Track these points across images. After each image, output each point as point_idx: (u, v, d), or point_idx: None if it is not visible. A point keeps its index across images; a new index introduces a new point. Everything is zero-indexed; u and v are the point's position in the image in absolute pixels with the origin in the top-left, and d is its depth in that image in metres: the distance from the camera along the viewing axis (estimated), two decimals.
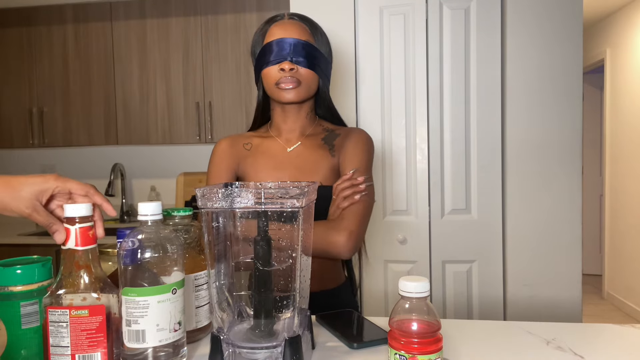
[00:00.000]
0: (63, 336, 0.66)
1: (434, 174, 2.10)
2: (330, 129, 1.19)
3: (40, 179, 0.71)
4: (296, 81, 1.08)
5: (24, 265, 0.71)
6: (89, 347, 0.67)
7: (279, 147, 1.17)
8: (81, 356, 0.66)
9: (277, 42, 1.07)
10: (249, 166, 1.16)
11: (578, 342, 0.82)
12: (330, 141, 1.16)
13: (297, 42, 1.07)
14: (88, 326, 0.66)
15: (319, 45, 1.12)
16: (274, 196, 0.70)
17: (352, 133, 1.18)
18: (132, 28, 2.88)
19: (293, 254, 0.73)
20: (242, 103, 2.79)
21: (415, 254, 2.12)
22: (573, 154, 2.03)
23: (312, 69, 1.09)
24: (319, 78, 1.13)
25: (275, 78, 1.08)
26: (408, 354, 0.61)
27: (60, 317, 0.66)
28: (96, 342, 0.67)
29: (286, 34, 1.08)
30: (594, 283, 4.63)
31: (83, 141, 2.97)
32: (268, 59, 1.08)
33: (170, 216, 0.88)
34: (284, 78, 1.07)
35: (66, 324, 0.66)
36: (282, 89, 1.08)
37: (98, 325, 0.67)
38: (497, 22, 2.04)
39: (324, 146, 1.16)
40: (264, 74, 1.11)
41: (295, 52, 1.07)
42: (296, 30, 1.09)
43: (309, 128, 1.18)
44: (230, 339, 0.72)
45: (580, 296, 2.04)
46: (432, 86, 2.09)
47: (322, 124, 1.21)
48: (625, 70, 3.89)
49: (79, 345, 0.66)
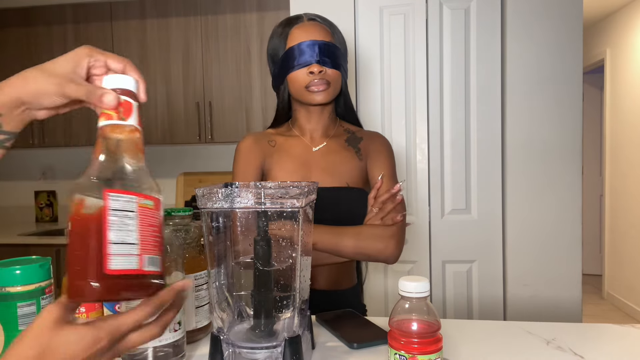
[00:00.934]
0: (130, 230, 0.49)
1: (434, 174, 2.10)
2: (352, 131, 1.20)
3: (71, 53, 0.61)
4: (326, 83, 1.08)
5: (22, 265, 0.71)
6: (153, 249, 0.51)
7: (304, 146, 1.16)
8: (149, 259, 0.51)
9: (304, 45, 1.08)
10: (274, 164, 1.14)
11: (578, 342, 0.82)
12: (355, 144, 1.17)
13: (323, 44, 1.08)
14: (153, 221, 0.52)
15: (339, 44, 1.14)
16: (273, 196, 0.70)
17: (376, 138, 1.20)
18: (132, 28, 2.88)
19: (293, 254, 0.73)
20: (242, 103, 2.78)
21: (415, 254, 2.12)
22: (573, 154, 2.03)
23: (337, 69, 1.10)
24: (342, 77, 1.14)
25: (305, 81, 1.08)
26: (408, 354, 0.61)
27: (127, 204, 0.49)
28: (158, 243, 0.52)
29: (309, 36, 1.08)
30: (594, 283, 4.62)
31: (83, 141, 2.97)
32: (295, 63, 1.08)
33: (170, 216, 0.88)
34: (314, 81, 1.07)
35: (134, 214, 0.50)
36: (312, 91, 1.08)
37: (159, 222, 0.53)
38: (497, 22, 2.04)
39: (349, 148, 1.17)
40: (291, 77, 1.10)
41: (321, 54, 1.07)
42: (318, 31, 1.09)
43: (331, 128, 1.19)
44: (230, 339, 0.72)
45: (580, 296, 2.04)
46: (432, 86, 2.08)
47: (343, 124, 1.22)
48: (625, 71, 3.89)
49: (147, 245, 0.51)
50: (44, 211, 3.28)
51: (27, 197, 3.35)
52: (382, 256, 1.04)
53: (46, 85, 0.57)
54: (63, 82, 0.57)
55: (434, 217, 2.11)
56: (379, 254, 1.04)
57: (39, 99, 0.57)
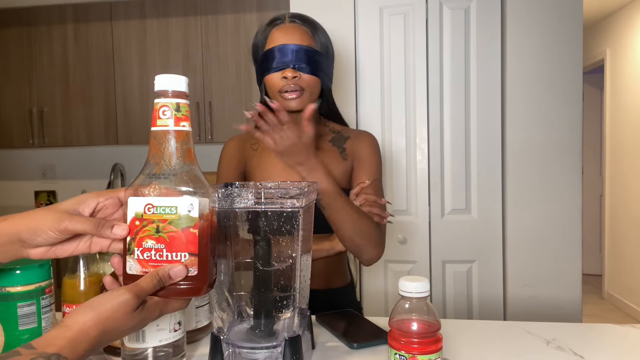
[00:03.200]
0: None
1: (434, 174, 2.10)
2: (337, 130, 1.19)
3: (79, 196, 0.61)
4: (299, 89, 1.07)
5: (22, 266, 0.71)
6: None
7: None
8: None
9: (279, 49, 1.06)
10: (255, 166, 1.16)
11: (578, 342, 0.82)
12: (340, 144, 1.16)
13: (299, 49, 1.06)
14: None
15: (320, 47, 1.11)
16: (274, 196, 0.70)
17: (363, 138, 1.18)
18: (132, 28, 2.88)
19: (293, 254, 0.73)
20: (242, 103, 2.78)
21: (415, 254, 2.12)
22: (573, 154, 2.03)
23: (314, 75, 1.08)
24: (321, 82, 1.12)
25: (278, 86, 1.07)
26: (408, 354, 0.61)
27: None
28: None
29: (287, 39, 1.07)
30: (594, 283, 4.62)
31: (83, 141, 2.96)
32: (270, 66, 1.08)
33: None
34: (287, 86, 1.06)
35: None
36: (285, 98, 1.07)
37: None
38: (497, 22, 2.04)
39: (333, 149, 1.16)
40: (267, 80, 1.10)
41: (297, 59, 1.06)
42: (297, 34, 1.08)
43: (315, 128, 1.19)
44: (230, 339, 0.72)
45: (580, 296, 2.04)
46: (432, 86, 2.08)
47: (327, 124, 1.20)
48: (625, 71, 3.89)
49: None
50: None
51: (27, 197, 3.35)
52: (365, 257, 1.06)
53: (44, 220, 0.56)
54: (63, 217, 0.57)
55: (434, 217, 2.11)
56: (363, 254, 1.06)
57: (35, 235, 0.56)
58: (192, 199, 0.56)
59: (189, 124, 0.58)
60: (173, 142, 0.57)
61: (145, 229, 0.56)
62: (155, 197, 0.56)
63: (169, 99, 0.58)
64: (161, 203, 0.55)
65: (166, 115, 0.57)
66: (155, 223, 0.56)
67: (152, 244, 0.56)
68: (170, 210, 0.55)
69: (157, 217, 0.56)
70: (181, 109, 0.58)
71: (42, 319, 0.72)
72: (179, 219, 0.55)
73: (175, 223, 0.55)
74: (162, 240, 0.56)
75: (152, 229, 0.55)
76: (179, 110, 0.57)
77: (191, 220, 0.55)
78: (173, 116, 0.57)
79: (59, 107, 2.97)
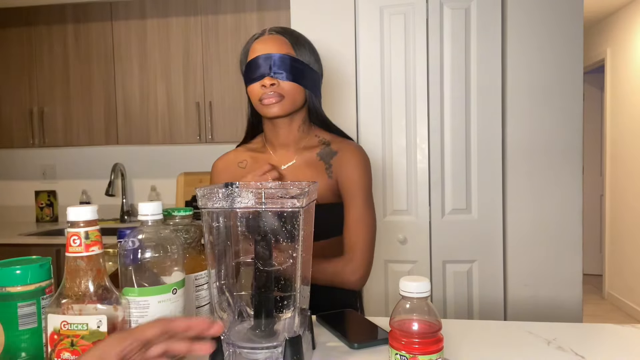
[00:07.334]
0: None
1: (435, 173, 2.10)
2: (326, 141, 1.17)
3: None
4: (278, 95, 1.07)
5: (22, 265, 0.71)
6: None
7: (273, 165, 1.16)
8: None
9: (257, 59, 1.08)
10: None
11: (579, 342, 0.82)
12: (327, 159, 1.14)
13: (276, 56, 1.07)
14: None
15: (302, 56, 1.10)
16: (274, 196, 0.70)
17: (349, 153, 1.14)
18: (132, 28, 2.88)
19: (293, 254, 0.73)
20: (242, 103, 2.78)
21: (416, 254, 2.12)
22: (573, 154, 2.02)
23: (295, 81, 1.08)
24: (304, 90, 1.12)
25: (258, 95, 1.08)
26: (409, 354, 0.61)
27: None
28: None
29: (266, 49, 1.08)
30: (595, 283, 4.62)
31: (83, 141, 2.97)
32: (250, 77, 1.09)
33: (170, 216, 0.88)
34: (266, 94, 1.07)
35: None
36: (265, 105, 1.08)
37: None
38: (497, 22, 2.04)
39: (320, 163, 1.14)
40: (249, 91, 1.11)
41: (275, 67, 1.07)
42: (276, 44, 1.08)
43: (303, 140, 1.16)
44: (231, 339, 0.72)
45: (581, 296, 2.04)
46: (432, 86, 2.08)
47: (318, 134, 1.18)
48: (625, 70, 3.89)
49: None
50: (44, 211, 3.28)
51: (27, 197, 3.35)
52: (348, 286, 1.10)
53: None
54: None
55: (434, 217, 2.11)
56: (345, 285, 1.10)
57: None
58: (101, 316, 0.63)
59: (98, 247, 0.66)
60: (84, 266, 0.65)
61: (62, 342, 0.64)
62: (69, 316, 0.64)
63: (79, 228, 0.65)
64: (74, 320, 0.63)
65: (76, 243, 0.65)
66: (70, 338, 0.64)
67: (69, 356, 0.63)
68: (82, 327, 0.63)
69: (71, 332, 0.63)
70: (90, 235, 0.65)
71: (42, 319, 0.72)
72: (90, 334, 0.63)
73: (87, 338, 0.63)
74: (76, 353, 0.63)
75: (68, 343, 0.64)
76: (87, 238, 0.65)
77: (101, 334, 0.63)
78: (83, 244, 0.65)
79: (59, 107, 2.97)
